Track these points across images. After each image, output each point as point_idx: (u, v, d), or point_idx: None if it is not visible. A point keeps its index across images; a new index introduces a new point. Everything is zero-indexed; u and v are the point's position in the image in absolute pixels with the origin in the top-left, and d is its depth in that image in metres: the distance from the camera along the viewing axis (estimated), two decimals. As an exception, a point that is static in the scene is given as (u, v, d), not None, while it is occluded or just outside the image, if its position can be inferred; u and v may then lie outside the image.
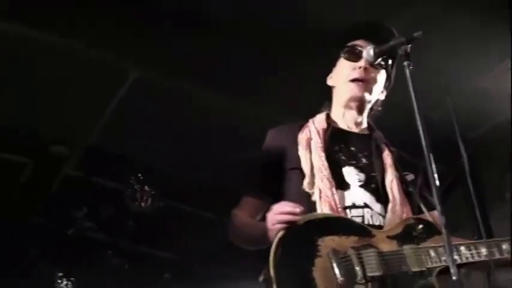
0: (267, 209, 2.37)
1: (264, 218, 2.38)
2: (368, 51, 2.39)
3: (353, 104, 2.64)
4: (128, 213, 5.67)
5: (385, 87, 2.70)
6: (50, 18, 4.11)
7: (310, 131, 2.57)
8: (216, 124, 4.99)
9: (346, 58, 2.66)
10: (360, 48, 2.62)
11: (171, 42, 4.27)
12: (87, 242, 5.73)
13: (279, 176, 2.53)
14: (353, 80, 2.61)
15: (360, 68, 2.59)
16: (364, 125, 2.68)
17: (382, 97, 2.72)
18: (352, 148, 2.57)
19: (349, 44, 2.66)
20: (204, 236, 5.91)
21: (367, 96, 2.62)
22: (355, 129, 2.65)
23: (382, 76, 2.66)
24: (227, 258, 5.79)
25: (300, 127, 2.61)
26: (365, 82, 2.60)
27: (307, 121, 2.65)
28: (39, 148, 5.19)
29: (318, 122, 2.63)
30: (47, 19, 4.12)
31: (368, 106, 2.67)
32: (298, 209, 2.23)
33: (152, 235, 6.01)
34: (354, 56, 2.63)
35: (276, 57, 4.36)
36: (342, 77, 2.65)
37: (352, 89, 2.61)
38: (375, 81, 2.63)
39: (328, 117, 2.66)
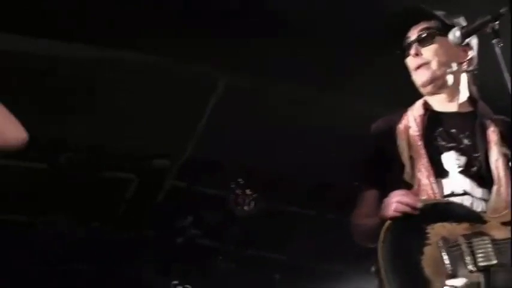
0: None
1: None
2: (454, 33, 2.30)
3: (429, 88, 2.55)
4: (232, 218, 5.77)
5: (463, 46, 2.51)
6: (137, 37, 4.25)
7: (408, 120, 2.53)
8: (312, 121, 4.97)
9: (404, 57, 2.60)
10: (406, 40, 2.57)
11: (255, 45, 4.30)
12: (197, 249, 5.89)
13: (385, 168, 2.50)
14: (414, 71, 2.56)
15: (413, 57, 2.54)
16: (463, 99, 2.55)
17: (470, 54, 2.55)
18: (453, 130, 2.47)
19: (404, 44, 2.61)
20: (310, 234, 5.92)
21: (435, 73, 2.52)
22: (453, 108, 2.54)
23: (440, 44, 2.52)
24: (335, 254, 5.78)
25: (401, 116, 2.57)
26: (422, 65, 2.53)
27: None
28: (142, 163, 5.39)
29: (416, 109, 2.57)
30: (135, 38, 4.27)
31: (449, 78, 2.54)
32: (419, 204, 2.21)
33: (258, 237, 6.08)
34: (406, 49, 2.58)
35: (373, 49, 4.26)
36: (411, 71, 2.60)
37: (417, 78, 2.56)
38: (433, 56, 2.52)
39: (425, 102, 2.58)
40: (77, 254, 5.59)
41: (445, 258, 2.11)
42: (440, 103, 2.56)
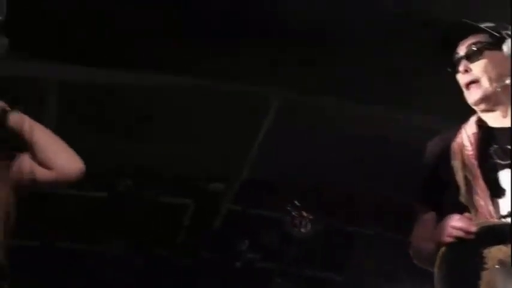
0: None
1: None
2: (508, 45, 2.24)
3: (482, 106, 2.48)
4: (290, 240, 5.76)
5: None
6: (192, 63, 4.31)
7: (462, 138, 2.46)
8: (367, 137, 4.89)
9: (455, 73, 2.54)
10: (455, 56, 2.50)
11: (304, 61, 4.30)
12: (254, 272, 5.89)
13: (442, 190, 2.44)
14: (465, 88, 2.49)
15: (462, 74, 2.47)
16: None
17: None
18: (508, 146, 2.38)
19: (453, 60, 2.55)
20: (368, 254, 5.85)
21: (487, 91, 2.44)
22: (508, 123, 2.45)
23: (489, 59, 2.45)
24: (395, 275, 5.68)
25: (456, 133, 2.50)
26: (473, 82, 2.46)
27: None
28: (199, 188, 5.45)
29: (469, 126, 2.49)
30: (191, 65, 4.33)
31: (501, 93, 2.44)
32: (473, 228, 2.17)
33: (317, 258, 6.05)
34: (455, 65, 2.51)
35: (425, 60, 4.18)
36: (462, 88, 2.53)
37: (469, 97, 2.49)
38: (483, 72, 2.44)
39: (479, 119, 2.51)
40: (136, 280, 5.67)
41: (504, 282, 2.06)
42: (495, 119, 2.49)
